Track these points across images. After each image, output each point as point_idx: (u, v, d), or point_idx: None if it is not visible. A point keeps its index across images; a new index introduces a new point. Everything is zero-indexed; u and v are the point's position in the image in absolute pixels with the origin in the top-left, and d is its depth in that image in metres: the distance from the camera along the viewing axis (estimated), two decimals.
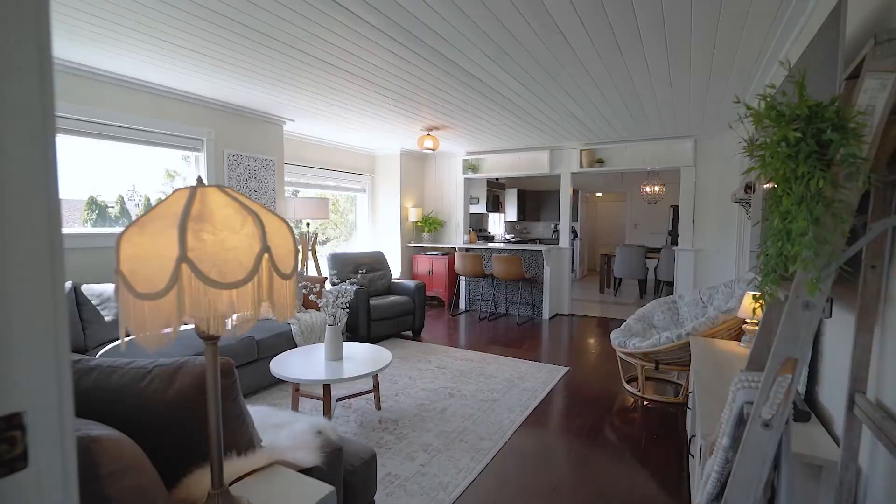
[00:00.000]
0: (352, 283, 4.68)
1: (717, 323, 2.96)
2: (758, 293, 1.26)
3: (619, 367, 3.76)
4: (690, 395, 2.54)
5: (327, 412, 2.59)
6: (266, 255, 0.85)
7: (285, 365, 2.73)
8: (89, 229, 3.67)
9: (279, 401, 3.23)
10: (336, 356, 2.83)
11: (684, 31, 2.63)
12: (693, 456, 2.03)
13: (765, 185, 1.16)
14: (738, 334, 3.11)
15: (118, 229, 3.68)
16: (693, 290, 3.84)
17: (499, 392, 3.45)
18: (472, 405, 3.20)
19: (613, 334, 3.65)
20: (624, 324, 3.87)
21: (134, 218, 4.15)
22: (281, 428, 1.67)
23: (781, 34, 2.61)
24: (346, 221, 6.93)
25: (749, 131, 3.12)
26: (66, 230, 3.04)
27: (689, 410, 2.69)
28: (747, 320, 2.67)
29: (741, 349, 2.58)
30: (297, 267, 0.95)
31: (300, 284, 3.22)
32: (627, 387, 3.60)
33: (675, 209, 8.90)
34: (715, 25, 2.57)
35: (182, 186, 0.90)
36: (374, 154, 6.87)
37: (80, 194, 3.76)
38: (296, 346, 3.62)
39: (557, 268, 6.34)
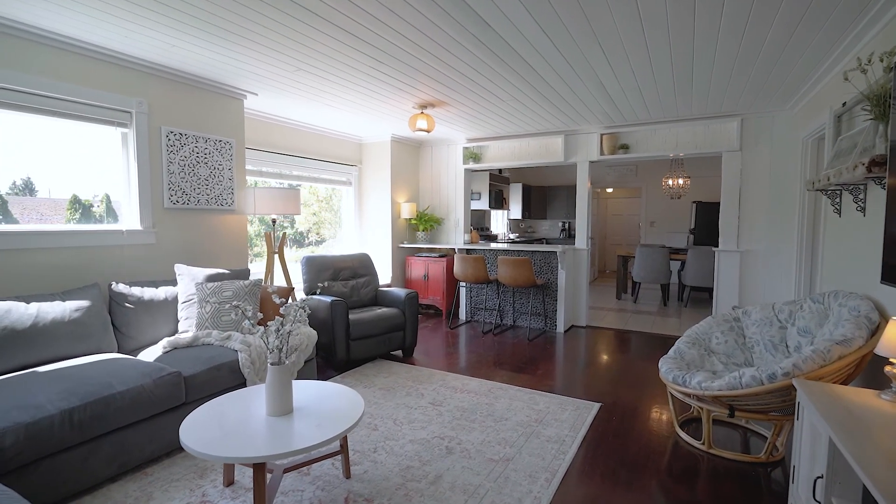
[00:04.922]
0: (308, 295, 3.78)
1: (830, 359, 2.07)
2: None
3: (671, 405, 2.88)
4: (819, 480, 1.65)
5: None
6: None
7: (202, 426, 1.83)
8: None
9: (212, 464, 2.34)
10: (281, 410, 1.94)
11: None
12: None
13: None
14: (849, 376, 2.23)
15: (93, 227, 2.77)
16: (764, 306, 2.95)
17: (513, 445, 2.56)
18: (477, 467, 2.31)
19: (664, 365, 2.76)
20: (673, 348, 2.99)
21: (120, 218, 3.30)
22: None
23: None
24: (338, 220, 6.02)
25: (869, 82, 2.23)
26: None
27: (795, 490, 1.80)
28: (893, 360, 1.78)
29: (890, 406, 1.69)
30: None
31: (229, 306, 2.32)
32: (683, 434, 2.71)
33: (699, 205, 8.01)
34: None
35: None
36: (360, 141, 5.96)
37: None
38: (244, 383, 2.73)
39: (573, 272, 5.45)
